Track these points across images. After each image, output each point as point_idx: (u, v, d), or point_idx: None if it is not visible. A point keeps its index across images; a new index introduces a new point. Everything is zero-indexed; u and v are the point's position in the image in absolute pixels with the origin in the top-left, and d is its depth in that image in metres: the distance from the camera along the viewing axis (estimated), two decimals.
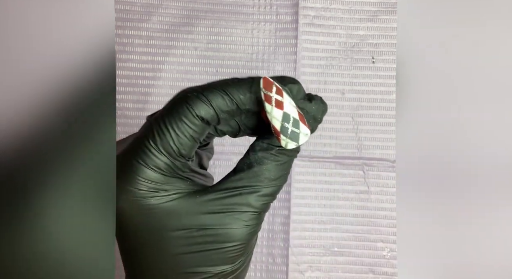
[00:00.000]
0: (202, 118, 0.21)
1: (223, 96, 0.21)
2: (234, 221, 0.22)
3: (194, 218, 0.22)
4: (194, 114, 0.21)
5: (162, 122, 0.21)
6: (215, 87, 0.22)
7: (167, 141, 0.21)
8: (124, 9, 0.45)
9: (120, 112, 0.45)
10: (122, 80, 0.45)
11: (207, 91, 0.21)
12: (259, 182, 0.22)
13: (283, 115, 0.21)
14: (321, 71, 0.45)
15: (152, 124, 0.21)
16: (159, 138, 0.21)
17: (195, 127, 0.21)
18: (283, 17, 0.45)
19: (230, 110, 0.22)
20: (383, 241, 0.45)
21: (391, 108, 0.45)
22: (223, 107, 0.21)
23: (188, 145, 0.21)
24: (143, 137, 0.21)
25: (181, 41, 0.45)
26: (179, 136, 0.21)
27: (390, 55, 0.45)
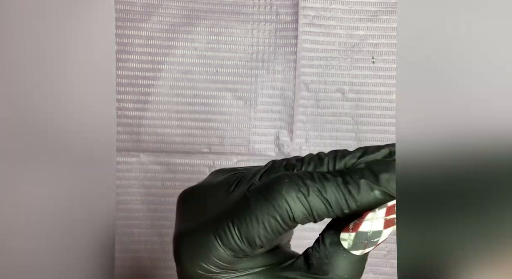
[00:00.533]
0: (297, 222, 0.20)
1: (326, 207, 0.19)
2: None
3: None
4: (292, 218, 0.19)
5: (255, 212, 0.19)
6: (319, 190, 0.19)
7: (253, 234, 0.19)
8: (124, 9, 0.45)
9: (120, 113, 0.45)
10: (122, 80, 0.45)
11: (312, 196, 0.19)
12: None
13: (377, 231, 0.19)
14: (321, 71, 0.45)
15: (243, 208, 0.20)
16: (245, 227, 0.19)
17: (286, 228, 0.20)
18: (283, 17, 0.45)
19: (329, 217, 0.20)
20: (383, 241, 0.45)
21: (391, 108, 0.45)
22: (323, 215, 0.20)
23: (272, 240, 0.20)
24: (229, 218, 0.20)
25: (181, 41, 0.45)
26: (268, 233, 0.19)
27: (390, 55, 0.45)
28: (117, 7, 0.44)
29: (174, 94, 0.45)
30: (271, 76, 0.45)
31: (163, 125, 0.45)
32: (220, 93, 0.45)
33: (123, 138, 0.45)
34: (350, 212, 0.19)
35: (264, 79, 0.45)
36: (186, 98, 0.45)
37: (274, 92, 0.45)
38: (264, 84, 0.45)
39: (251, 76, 0.45)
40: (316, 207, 0.19)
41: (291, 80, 0.45)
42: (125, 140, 0.45)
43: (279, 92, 0.45)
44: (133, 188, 0.45)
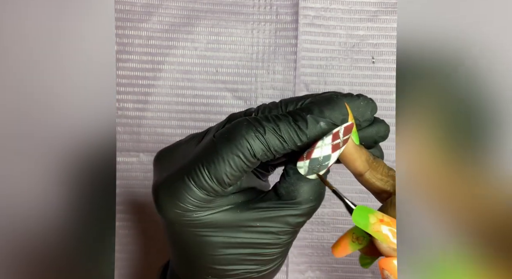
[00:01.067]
0: (258, 158, 0.22)
1: (281, 142, 0.22)
2: (270, 235, 0.24)
3: (233, 230, 0.23)
4: (253, 154, 0.22)
5: (220, 152, 0.22)
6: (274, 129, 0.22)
7: (220, 171, 0.22)
8: (124, 9, 0.45)
9: (120, 113, 0.45)
10: (122, 80, 0.45)
11: (268, 133, 0.22)
12: (298, 204, 0.23)
13: (326, 155, 0.22)
14: (321, 71, 0.45)
15: (210, 150, 0.22)
16: (213, 167, 0.22)
17: (249, 164, 0.22)
18: (283, 17, 0.45)
19: (285, 152, 0.23)
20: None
21: (391, 108, 0.45)
22: (279, 150, 0.22)
23: (238, 177, 0.22)
24: (199, 160, 0.22)
25: (181, 41, 0.45)
26: (233, 169, 0.22)
27: (390, 55, 0.45)
28: (117, 7, 0.44)
29: (174, 94, 0.45)
30: (271, 76, 0.45)
31: (163, 125, 0.45)
32: (220, 93, 0.45)
33: (123, 138, 0.45)
34: (302, 145, 0.22)
35: (264, 79, 0.45)
36: (186, 98, 0.45)
37: (274, 92, 0.45)
38: (264, 84, 0.45)
39: (251, 76, 0.45)
40: (272, 143, 0.22)
41: (291, 80, 0.45)
42: (125, 140, 0.45)
43: (279, 92, 0.45)
44: (133, 188, 0.45)
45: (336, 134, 0.21)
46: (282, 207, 0.23)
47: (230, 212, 0.23)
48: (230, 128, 0.22)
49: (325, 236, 0.45)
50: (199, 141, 0.25)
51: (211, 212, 0.23)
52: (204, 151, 0.22)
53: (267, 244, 0.24)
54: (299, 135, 0.22)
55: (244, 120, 0.22)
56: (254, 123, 0.22)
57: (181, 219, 0.23)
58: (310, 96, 0.24)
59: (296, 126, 0.22)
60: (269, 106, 0.24)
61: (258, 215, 0.23)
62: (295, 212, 0.23)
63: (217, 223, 0.23)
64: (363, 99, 0.24)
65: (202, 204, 0.22)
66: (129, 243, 0.46)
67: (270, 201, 0.24)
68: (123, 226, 0.45)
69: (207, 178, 0.22)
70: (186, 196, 0.22)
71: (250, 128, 0.22)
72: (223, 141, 0.22)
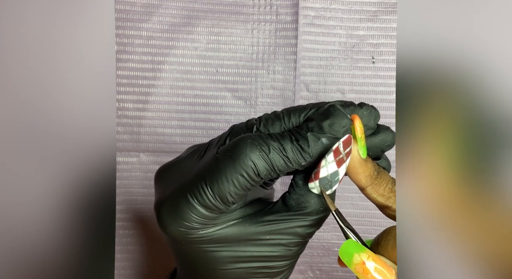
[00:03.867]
0: (262, 178, 0.22)
1: (285, 162, 0.22)
2: (280, 248, 0.23)
3: (241, 245, 0.23)
4: (257, 173, 0.21)
5: (224, 171, 0.21)
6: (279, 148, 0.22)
7: (224, 191, 0.21)
8: (124, 9, 0.45)
9: (120, 113, 0.45)
10: (122, 80, 0.45)
11: (273, 153, 0.21)
12: (308, 215, 0.23)
13: (334, 172, 0.22)
14: (321, 71, 0.45)
15: (213, 168, 0.22)
16: (217, 186, 0.21)
17: (253, 183, 0.22)
18: (283, 17, 0.45)
19: (289, 170, 0.22)
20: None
21: (391, 108, 0.45)
22: (283, 170, 0.22)
23: (242, 195, 0.22)
24: (202, 178, 0.22)
25: (181, 41, 0.45)
26: (237, 189, 0.21)
27: (390, 55, 0.45)
28: (117, 7, 0.44)
29: (174, 94, 0.45)
30: (271, 76, 0.45)
31: (163, 125, 0.45)
32: (220, 93, 0.45)
33: (123, 138, 0.45)
34: (307, 164, 0.22)
35: (264, 79, 0.45)
36: (186, 98, 0.45)
37: (274, 92, 0.45)
38: (264, 84, 0.45)
39: (251, 76, 0.45)
40: (277, 163, 0.22)
41: (291, 80, 0.45)
42: (125, 140, 0.45)
43: (279, 92, 0.45)
44: (133, 188, 0.45)
45: (337, 150, 0.21)
46: (292, 218, 0.23)
47: (238, 226, 0.23)
48: (234, 146, 0.22)
49: (325, 236, 0.45)
50: (201, 156, 0.24)
51: (218, 228, 0.23)
52: (207, 169, 0.22)
53: (277, 256, 0.24)
54: (303, 155, 0.22)
55: (248, 137, 0.22)
56: (258, 141, 0.21)
57: (186, 237, 0.22)
58: (313, 105, 0.23)
59: (299, 147, 0.22)
60: (271, 117, 0.24)
61: (267, 228, 0.23)
62: (305, 223, 0.23)
63: (225, 238, 0.23)
64: (366, 108, 0.23)
65: (207, 221, 0.22)
66: (129, 243, 0.46)
67: (279, 212, 0.23)
68: (123, 226, 0.45)
69: (211, 197, 0.21)
70: (190, 214, 0.22)
71: (255, 147, 0.21)
72: (226, 159, 0.22)
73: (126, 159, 0.45)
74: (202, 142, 0.48)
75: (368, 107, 0.23)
